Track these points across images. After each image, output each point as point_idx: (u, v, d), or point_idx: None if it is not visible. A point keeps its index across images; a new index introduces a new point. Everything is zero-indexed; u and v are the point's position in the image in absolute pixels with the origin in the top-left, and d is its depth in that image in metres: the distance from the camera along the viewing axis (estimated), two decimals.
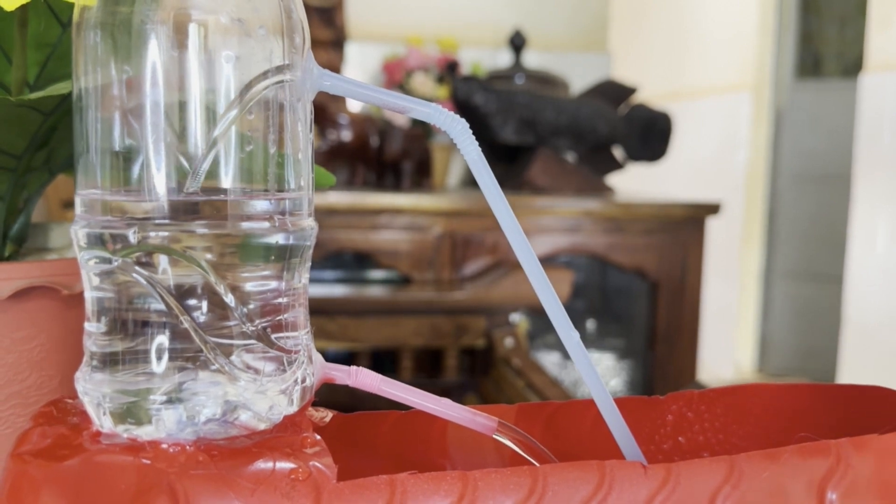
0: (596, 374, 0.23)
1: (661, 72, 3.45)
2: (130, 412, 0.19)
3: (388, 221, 1.28)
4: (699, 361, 1.52)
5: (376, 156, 1.45)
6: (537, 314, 1.37)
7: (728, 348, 3.01)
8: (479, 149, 0.22)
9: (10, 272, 0.29)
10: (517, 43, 1.66)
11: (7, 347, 0.29)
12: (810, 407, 0.29)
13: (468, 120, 1.09)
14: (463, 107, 1.47)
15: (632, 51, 3.48)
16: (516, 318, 1.27)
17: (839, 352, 2.38)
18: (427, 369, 1.30)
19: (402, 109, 0.21)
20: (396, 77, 1.51)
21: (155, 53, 0.19)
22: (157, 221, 0.19)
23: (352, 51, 1.66)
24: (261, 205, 0.20)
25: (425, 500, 0.20)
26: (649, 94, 3.34)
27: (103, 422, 0.20)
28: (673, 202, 1.44)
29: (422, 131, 1.46)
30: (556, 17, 1.80)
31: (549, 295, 0.22)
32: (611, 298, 1.72)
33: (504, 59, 1.73)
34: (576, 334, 0.23)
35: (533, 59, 1.78)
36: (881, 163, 2.25)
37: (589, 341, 1.62)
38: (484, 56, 1.70)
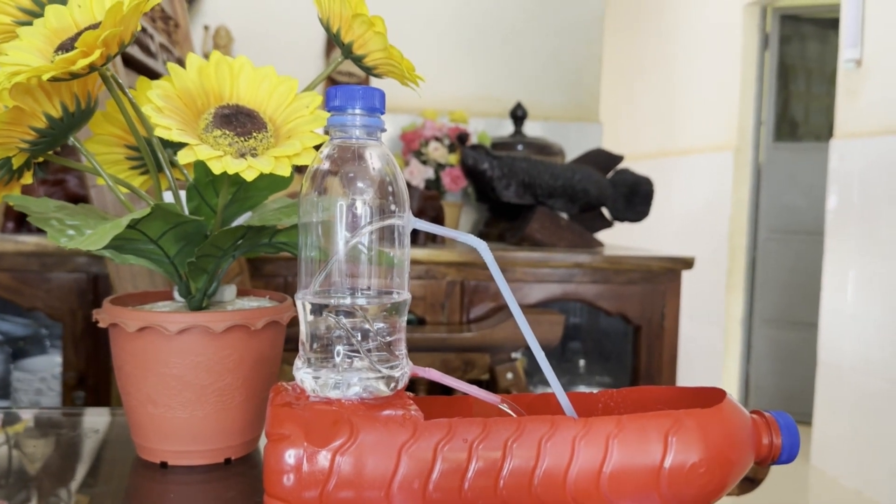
0: (552, 373, 0.44)
1: (652, 134, 3.69)
2: (325, 384, 0.41)
3: None
4: None
5: None
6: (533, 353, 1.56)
7: None
8: (494, 258, 0.43)
9: (222, 317, 0.50)
10: (518, 114, 1.89)
11: (217, 361, 0.51)
12: (679, 398, 0.50)
13: (475, 182, 1.45)
14: (471, 171, 1.66)
15: (624, 117, 3.73)
16: (516, 355, 1.46)
17: (815, 392, 2.56)
18: None
19: (454, 238, 0.43)
20: (414, 145, 1.73)
21: (339, 210, 0.41)
22: (340, 296, 0.41)
23: None
24: (386, 287, 0.42)
25: (465, 431, 0.41)
26: (641, 153, 3.58)
27: (313, 389, 0.41)
28: (653, 256, 1.64)
29: (436, 192, 1.67)
30: (554, 92, 2.04)
31: (532, 338, 0.43)
32: (601, 340, 1.92)
33: (507, 128, 1.96)
34: (542, 353, 0.44)
35: (532, 128, 2.01)
36: (851, 220, 2.46)
37: (580, 377, 1.82)
38: (489, 126, 1.93)
